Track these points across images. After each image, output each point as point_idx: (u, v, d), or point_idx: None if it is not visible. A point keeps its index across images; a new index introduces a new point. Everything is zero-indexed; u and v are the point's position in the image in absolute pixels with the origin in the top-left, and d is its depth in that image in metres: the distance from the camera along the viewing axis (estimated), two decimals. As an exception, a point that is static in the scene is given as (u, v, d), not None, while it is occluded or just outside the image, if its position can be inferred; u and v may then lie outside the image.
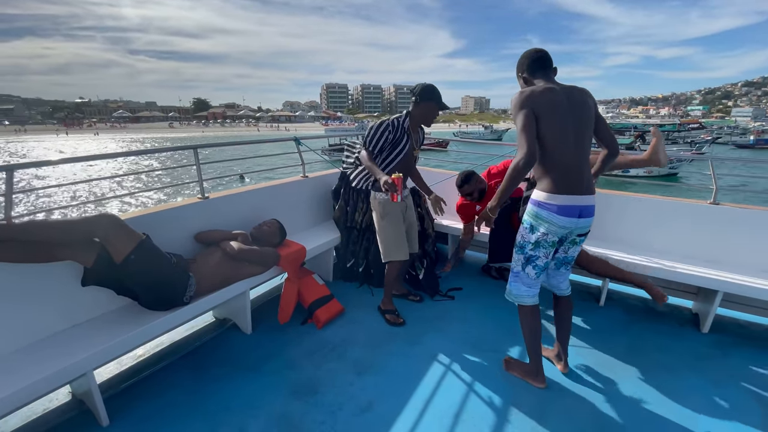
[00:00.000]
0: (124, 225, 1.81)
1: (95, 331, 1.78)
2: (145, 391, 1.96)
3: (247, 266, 2.29)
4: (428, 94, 2.44)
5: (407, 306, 2.82)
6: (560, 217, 1.73)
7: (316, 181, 3.29)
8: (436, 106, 2.45)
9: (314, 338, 2.41)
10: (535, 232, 1.79)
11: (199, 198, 2.47)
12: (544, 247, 1.82)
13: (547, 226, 1.76)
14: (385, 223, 2.55)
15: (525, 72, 1.85)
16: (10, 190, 1.75)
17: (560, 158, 1.71)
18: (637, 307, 2.83)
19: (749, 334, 2.52)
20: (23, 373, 1.49)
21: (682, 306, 2.84)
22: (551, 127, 1.68)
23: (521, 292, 1.92)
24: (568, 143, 1.70)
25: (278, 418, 1.79)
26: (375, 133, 2.45)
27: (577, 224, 1.77)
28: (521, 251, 1.88)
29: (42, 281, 1.74)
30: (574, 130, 1.72)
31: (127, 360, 2.15)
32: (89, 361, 1.64)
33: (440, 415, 1.81)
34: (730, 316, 2.68)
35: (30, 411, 1.80)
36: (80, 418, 1.78)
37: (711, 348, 2.35)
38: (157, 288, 1.91)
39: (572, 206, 1.73)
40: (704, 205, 2.77)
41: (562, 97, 1.71)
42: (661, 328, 2.55)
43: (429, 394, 1.94)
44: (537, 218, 1.77)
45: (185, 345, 2.32)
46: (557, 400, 1.91)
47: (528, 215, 1.82)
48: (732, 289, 2.32)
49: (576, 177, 1.73)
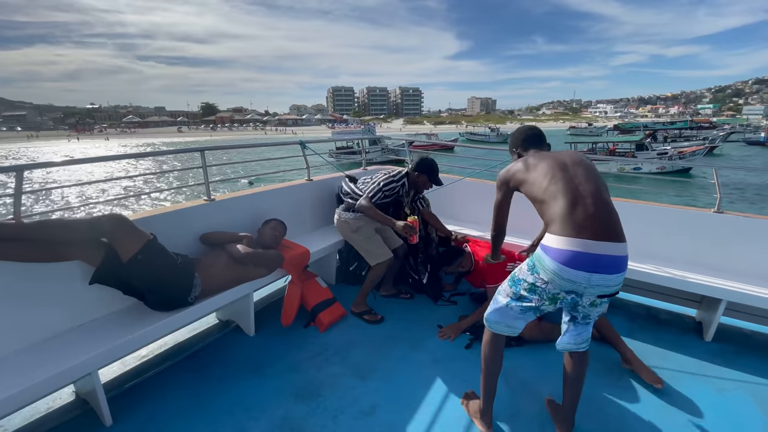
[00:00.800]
0: (131, 225, 1.83)
1: (100, 331, 1.80)
2: (149, 391, 1.98)
3: (252, 269, 2.31)
4: (423, 168, 2.74)
5: (411, 307, 2.83)
6: (567, 270, 1.35)
7: (320, 185, 3.30)
8: (428, 180, 2.77)
9: (317, 341, 2.42)
10: (533, 273, 1.49)
11: (205, 200, 2.50)
12: (540, 296, 1.49)
13: (548, 274, 1.42)
14: (358, 235, 2.73)
15: (518, 147, 1.86)
16: (19, 190, 1.77)
17: (562, 197, 1.45)
18: (640, 315, 2.81)
19: (753, 343, 2.49)
20: (28, 372, 1.51)
21: (686, 314, 2.82)
22: (538, 176, 1.56)
23: (495, 319, 1.65)
24: (571, 182, 1.48)
25: (280, 421, 1.79)
26: (381, 190, 2.67)
27: (590, 281, 1.35)
28: (513, 285, 1.59)
29: (48, 281, 1.77)
30: (574, 165, 1.54)
31: (131, 360, 2.18)
32: (94, 361, 1.66)
33: (442, 420, 1.80)
34: (734, 325, 2.65)
35: (33, 410, 1.82)
36: (83, 417, 1.80)
37: (714, 356, 2.32)
38: (162, 287, 1.93)
39: (583, 254, 1.33)
40: (709, 213, 2.75)
41: (548, 156, 1.64)
42: (664, 336, 2.53)
43: (430, 399, 1.94)
44: (539, 260, 1.46)
45: (188, 346, 2.34)
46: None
47: (534, 255, 1.53)
48: (735, 297, 2.30)
49: (593, 216, 1.38)
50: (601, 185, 1.50)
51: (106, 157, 2.26)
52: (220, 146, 2.92)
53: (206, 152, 2.59)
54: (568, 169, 1.54)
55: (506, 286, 1.64)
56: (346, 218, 2.75)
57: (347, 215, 2.75)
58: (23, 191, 1.80)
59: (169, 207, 2.37)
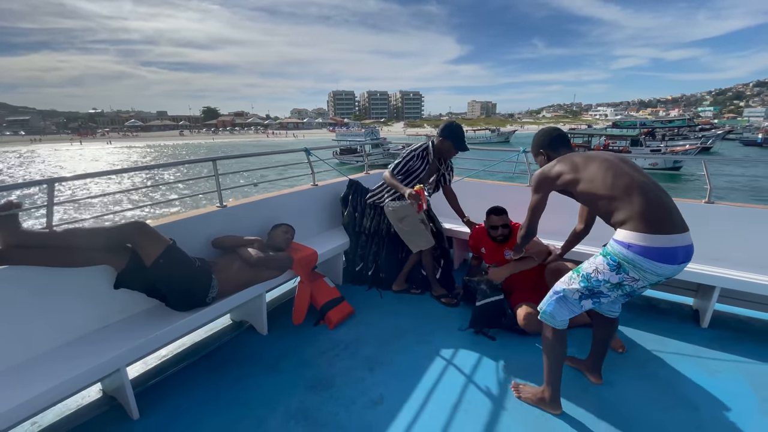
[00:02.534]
0: (153, 231, 1.97)
1: (126, 331, 1.92)
2: (171, 388, 2.09)
3: (263, 271, 2.43)
4: (448, 133, 2.76)
5: (417, 304, 2.94)
6: (662, 266, 1.43)
7: (325, 189, 3.43)
8: (452, 145, 2.79)
9: (327, 338, 2.54)
10: (621, 272, 1.51)
11: (217, 206, 2.63)
12: (623, 291, 1.57)
13: (641, 273, 1.47)
14: (404, 224, 2.89)
15: (546, 148, 1.86)
16: (51, 201, 1.91)
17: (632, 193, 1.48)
18: (640, 305, 2.92)
19: (748, 329, 2.61)
20: (60, 370, 1.62)
21: (683, 303, 2.94)
22: (597, 174, 1.55)
23: (564, 317, 1.71)
24: (631, 176, 1.52)
25: (295, 411, 1.91)
26: (403, 162, 2.82)
27: (677, 271, 1.49)
28: (587, 282, 1.61)
29: (76, 285, 1.89)
30: (629, 166, 1.58)
31: (152, 360, 2.29)
32: (122, 358, 1.78)
33: (448, 409, 1.91)
34: (730, 312, 2.76)
35: (64, 407, 1.93)
36: (112, 412, 1.92)
37: (711, 342, 2.44)
38: (183, 288, 2.06)
39: (674, 249, 1.43)
40: (700, 204, 2.87)
41: (587, 153, 1.67)
42: (662, 324, 2.64)
43: (437, 389, 2.05)
44: (627, 261, 1.48)
45: (205, 346, 2.46)
46: (562, 391, 1.98)
47: (617, 254, 1.51)
48: (729, 284, 2.42)
49: (666, 208, 1.48)
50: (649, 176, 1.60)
51: (130, 169, 2.52)
52: (232, 155, 3.06)
53: (218, 161, 2.70)
54: (624, 164, 1.58)
55: (575, 284, 1.65)
56: (393, 206, 2.91)
57: (394, 204, 2.92)
58: (54, 203, 1.92)
59: (185, 214, 2.51)
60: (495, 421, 1.84)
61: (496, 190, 3.61)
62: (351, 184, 3.30)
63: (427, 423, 1.83)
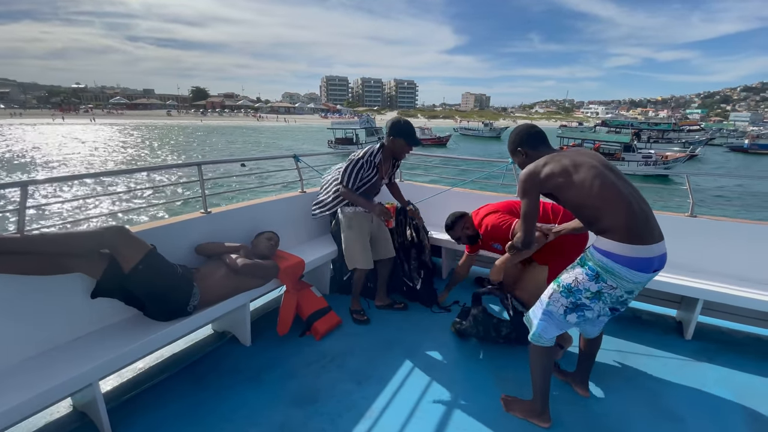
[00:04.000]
0: (132, 236, 1.88)
1: (100, 343, 1.83)
2: (147, 402, 2.02)
3: (248, 279, 2.36)
4: (397, 131, 2.58)
5: (405, 315, 2.91)
6: (637, 273, 1.50)
7: (313, 197, 3.34)
8: (405, 143, 2.62)
9: (313, 349, 2.49)
10: (599, 281, 1.57)
11: (201, 213, 2.54)
12: (605, 301, 1.61)
13: (617, 281, 1.54)
14: (350, 233, 2.79)
15: (524, 146, 1.77)
16: (23, 204, 1.80)
17: (616, 204, 1.51)
18: (624, 316, 2.95)
19: (730, 340, 2.66)
20: (28, 384, 1.53)
21: (667, 315, 2.99)
22: (585, 182, 1.53)
23: (552, 335, 1.73)
24: (616, 186, 1.54)
25: (280, 426, 1.86)
26: (351, 173, 2.65)
27: (650, 279, 1.56)
28: (570, 295, 1.64)
29: (48, 294, 1.79)
30: (614, 174, 1.59)
31: (128, 372, 2.21)
32: (95, 372, 1.69)
33: (438, 424, 1.90)
34: (712, 324, 2.81)
35: (31, 424, 1.83)
36: (82, 430, 1.83)
37: (694, 354, 2.48)
38: (163, 296, 1.97)
39: (650, 258, 1.49)
40: (682, 217, 2.91)
41: (573, 155, 1.63)
42: (646, 336, 2.68)
43: (426, 403, 2.03)
44: (606, 271, 1.54)
45: (185, 357, 2.39)
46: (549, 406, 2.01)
47: (593, 262, 1.58)
48: (712, 297, 2.45)
49: (644, 220, 1.52)
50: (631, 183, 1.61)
51: (113, 172, 2.42)
52: (217, 160, 2.97)
53: (203, 165, 2.62)
54: (610, 173, 1.58)
55: (559, 298, 1.67)
56: (347, 213, 2.80)
57: (348, 210, 2.80)
58: (27, 206, 1.82)
59: (167, 219, 2.42)
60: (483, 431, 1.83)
61: (484, 200, 3.57)
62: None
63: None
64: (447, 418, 1.93)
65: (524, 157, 1.78)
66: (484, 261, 3.66)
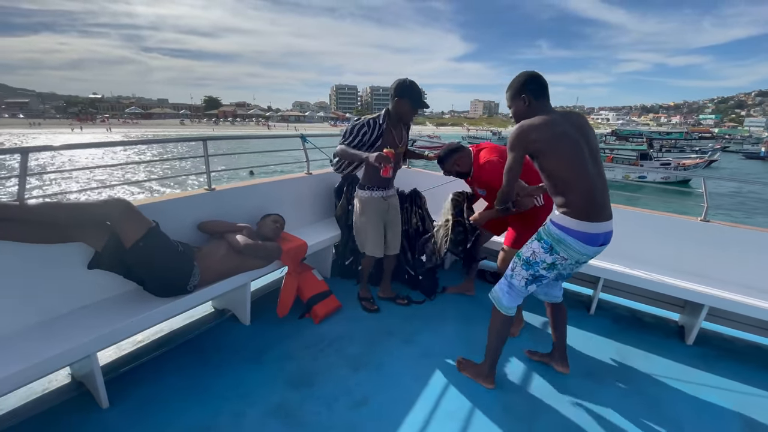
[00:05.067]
0: (135, 211, 1.86)
1: (99, 315, 1.83)
2: (144, 376, 2.01)
3: (250, 259, 2.35)
4: (401, 91, 2.39)
5: (406, 306, 2.86)
6: (585, 246, 1.68)
7: (319, 179, 3.34)
8: (409, 102, 2.41)
9: (312, 332, 2.46)
10: (553, 254, 1.74)
11: (206, 189, 2.53)
12: (557, 269, 1.79)
13: (568, 251, 1.71)
14: (364, 219, 2.65)
15: (528, 92, 1.72)
16: (24, 172, 1.80)
17: (581, 184, 1.64)
18: (626, 317, 2.88)
19: (732, 348, 2.57)
20: (27, 352, 1.53)
21: (669, 318, 2.89)
22: (563, 156, 1.63)
23: (513, 304, 1.90)
24: (586, 167, 1.65)
25: (275, 407, 1.83)
26: (351, 132, 2.45)
27: (597, 252, 1.74)
28: (529, 268, 1.82)
29: (50, 263, 1.79)
30: (589, 152, 1.67)
31: (127, 345, 2.20)
32: (93, 344, 1.69)
33: (432, 412, 1.85)
34: (715, 331, 2.71)
35: (29, 390, 1.83)
36: (79, 399, 1.83)
37: (695, 360, 2.39)
38: (163, 275, 1.96)
39: (597, 234, 1.68)
40: (695, 222, 2.83)
41: (564, 124, 1.65)
42: (648, 339, 2.59)
43: (421, 390, 1.99)
44: (559, 242, 1.71)
45: (184, 333, 2.38)
46: (546, 402, 1.96)
47: (548, 235, 1.75)
48: (717, 303, 2.37)
49: (600, 202, 1.68)
50: (601, 163, 1.73)
51: (111, 143, 2.36)
52: (223, 136, 2.96)
53: (208, 142, 2.61)
54: (585, 152, 1.67)
55: (520, 271, 1.85)
56: (362, 196, 2.62)
57: (363, 193, 2.61)
58: (28, 173, 1.82)
59: (170, 195, 2.40)
60: (480, 426, 1.79)
61: None
62: (346, 175, 3.21)
63: (411, 426, 1.77)
64: (443, 406, 1.89)
65: (526, 105, 1.74)
66: (486, 252, 3.58)
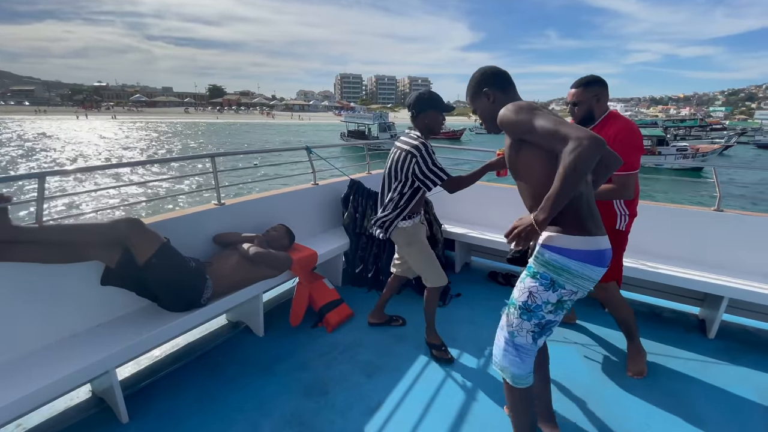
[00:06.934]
0: (147, 229, 1.91)
1: (117, 331, 1.87)
2: (162, 390, 2.05)
3: (261, 269, 2.38)
4: (424, 104, 2.13)
5: (417, 309, 2.87)
6: (594, 269, 1.27)
7: (326, 189, 3.36)
8: (437, 112, 2.15)
9: (325, 341, 2.50)
10: (557, 289, 1.29)
11: (215, 204, 2.56)
12: (565, 308, 1.34)
13: (575, 281, 1.27)
14: (412, 249, 2.31)
15: (491, 87, 1.46)
16: (41, 195, 1.83)
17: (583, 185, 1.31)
18: (644, 313, 2.87)
19: (755, 340, 2.55)
20: (48, 370, 1.56)
21: (689, 312, 2.88)
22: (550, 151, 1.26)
23: (527, 370, 1.41)
24: None
25: (290, 417, 1.87)
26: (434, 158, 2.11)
27: (601, 275, 1.32)
28: (531, 316, 1.34)
29: (66, 282, 1.83)
30: None
31: (144, 360, 2.25)
32: (112, 359, 1.73)
33: (447, 419, 1.88)
34: (737, 323, 2.70)
35: (51, 408, 1.88)
36: (100, 415, 1.87)
37: (717, 353, 2.38)
38: (176, 289, 2.00)
39: (603, 251, 1.29)
40: (709, 212, 2.80)
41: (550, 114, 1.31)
42: (668, 334, 2.59)
43: (436, 396, 2.02)
44: (561, 272, 1.27)
45: (199, 347, 2.42)
46: (563, 402, 1.98)
47: (544, 267, 1.30)
48: (737, 295, 2.35)
49: (596, 211, 1.33)
50: None
51: (124, 164, 2.58)
52: (231, 152, 2.97)
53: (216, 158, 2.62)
54: None
55: (521, 324, 1.37)
56: (404, 226, 2.24)
57: (403, 223, 2.23)
58: (45, 197, 1.85)
59: (181, 211, 2.44)
60: (497, 429, 1.80)
61: (497, 191, 3.53)
62: (352, 184, 3.23)
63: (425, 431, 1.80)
64: (458, 412, 1.91)
65: (491, 101, 1.45)
66: (496, 255, 3.61)
